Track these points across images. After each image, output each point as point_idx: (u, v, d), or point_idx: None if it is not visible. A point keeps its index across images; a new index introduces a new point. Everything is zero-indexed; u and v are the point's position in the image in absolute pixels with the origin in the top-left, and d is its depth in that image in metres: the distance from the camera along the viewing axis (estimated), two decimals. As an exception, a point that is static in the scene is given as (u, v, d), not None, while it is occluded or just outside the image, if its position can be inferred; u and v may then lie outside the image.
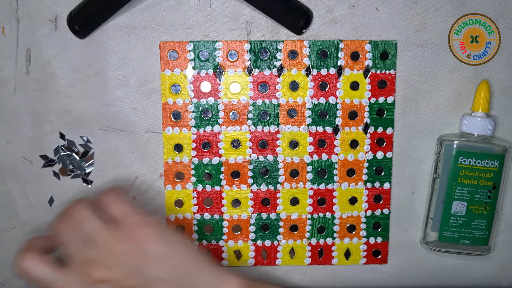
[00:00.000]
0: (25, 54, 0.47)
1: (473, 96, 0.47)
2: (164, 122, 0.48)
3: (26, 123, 0.48)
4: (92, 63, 0.47)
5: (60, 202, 0.49)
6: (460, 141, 0.46)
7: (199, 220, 0.49)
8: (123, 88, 0.47)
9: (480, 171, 0.46)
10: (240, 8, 0.46)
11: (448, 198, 0.46)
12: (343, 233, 0.49)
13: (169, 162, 0.48)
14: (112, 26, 0.46)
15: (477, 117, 0.46)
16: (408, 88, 0.48)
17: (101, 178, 0.49)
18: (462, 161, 0.46)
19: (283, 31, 0.47)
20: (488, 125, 0.46)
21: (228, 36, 0.47)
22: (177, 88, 0.47)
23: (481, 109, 0.46)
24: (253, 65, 0.47)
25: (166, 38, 0.47)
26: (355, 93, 0.47)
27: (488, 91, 0.46)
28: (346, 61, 0.47)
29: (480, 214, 0.46)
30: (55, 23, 0.46)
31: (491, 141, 0.46)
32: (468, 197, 0.46)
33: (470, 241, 0.47)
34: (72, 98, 0.47)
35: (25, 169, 0.48)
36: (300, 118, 0.48)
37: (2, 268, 0.50)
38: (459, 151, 0.46)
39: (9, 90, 0.47)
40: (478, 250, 0.48)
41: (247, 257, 0.50)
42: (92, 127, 0.48)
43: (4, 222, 0.49)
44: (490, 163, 0.46)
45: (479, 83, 0.46)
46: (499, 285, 0.51)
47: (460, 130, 0.47)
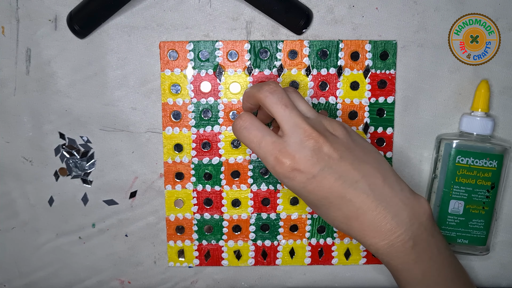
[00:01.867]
0: (25, 54, 0.47)
1: (473, 96, 0.47)
2: (164, 122, 0.48)
3: (26, 123, 0.48)
4: (92, 63, 0.47)
5: (60, 202, 0.49)
6: (459, 140, 0.46)
7: (199, 220, 0.49)
8: (123, 88, 0.47)
9: (478, 171, 0.46)
10: (240, 8, 0.46)
11: (446, 197, 0.46)
12: (343, 233, 0.49)
13: (169, 162, 0.48)
14: (112, 26, 0.46)
15: (477, 117, 0.46)
16: (408, 88, 0.48)
17: (101, 178, 0.49)
18: (460, 160, 0.46)
19: (283, 31, 0.47)
20: (488, 124, 0.46)
21: (228, 36, 0.47)
22: (177, 88, 0.47)
23: (480, 108, 0.46)
24: (253, 65, 0.47)
25: (166, 38, 0.47)
26: (355, 93, 0.47)
27: (488, 91, 0.46)
28: (346, 61, 0.47)
29: (478, 213, 0.46)
30: (55, 23, 0.46)
31: (491, 141, 0.46)
32: (466, 197, 0.46)
33: (468, 240, 0.47)
34: (72, 98, 0.47)
35: (25, 169, 0.48)
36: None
37: (2, 268, 0.50)
38: (457, 150, 0.46)
39: (9, 90, 0.47)
40: (476, 250, 0.48)
41: (247, 257, 0.50)
42: (92, 127, 0.48)
43: (4, 222, 0.49)
44: (488, 163, 0.46)
45: (479, 82, 0.46)
46: (499, 285, 0.51)
47: (460, 130, 0.47)
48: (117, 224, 0.49)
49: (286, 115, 0.37)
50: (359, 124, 0.48)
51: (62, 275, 0.50)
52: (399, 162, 0.49)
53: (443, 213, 0.47)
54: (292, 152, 0.37)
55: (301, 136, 0.37)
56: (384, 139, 0.48)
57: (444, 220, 0.47)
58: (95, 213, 0.49)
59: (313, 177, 0.37)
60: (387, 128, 0.48)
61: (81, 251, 0.50)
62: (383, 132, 0.48)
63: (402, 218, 0.38)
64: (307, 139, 0.37)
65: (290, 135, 0.37)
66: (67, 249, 0.50)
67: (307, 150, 0.37)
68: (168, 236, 0.49)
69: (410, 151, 0.49)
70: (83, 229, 0.49)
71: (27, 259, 0.50)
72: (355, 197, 0.37)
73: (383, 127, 0.48)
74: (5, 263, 0.50)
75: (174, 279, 0.50)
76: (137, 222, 0.49)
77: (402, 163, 0.49)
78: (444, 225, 0.47)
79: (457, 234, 0.47)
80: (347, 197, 0.37)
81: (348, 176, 0.37)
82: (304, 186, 0.37)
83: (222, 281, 0.50)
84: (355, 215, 0.38)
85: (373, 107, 0.48)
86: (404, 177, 0.49)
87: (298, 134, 0.37)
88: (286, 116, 0.37)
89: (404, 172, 0.49)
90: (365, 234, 0.38)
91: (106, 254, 0.50)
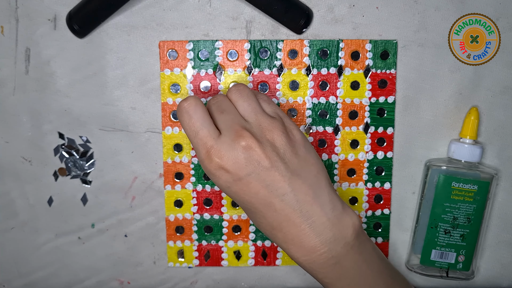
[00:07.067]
0: (24, 54, 0.46)
1: (473, 96, 0.47)
2: (164, 121, 0.47)
3: (25, 123, 0.48)
4: (91, 62, 0.47)
5: (60, 202, 0.49)
6: (447, 166, 0.46)
7: (199, 220, 0.49)
8: (122, 87, 0.47)
9: (464, 197, 0.46)
10: (240, 7, 0.46)
11: (431, 222, 0.47)
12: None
13: (168, 162, 0.48)
14: (111, 26, 0.46)
15: (465, 144, 0.46)
16: (409, 87, 0.48)
17: (100, 178, 0.48)
18: (448, 186, 0.46)
19: (283, 31, 0.46)
20: (476, 152, 0.46)
21: (228, 36, 0.47)
22: (176, 88, 0.47)
23: (469, 136, 0.46)
24: (253, 65, 0.47)
25: (165, 37, 0.46)
26: (355, 92, 0.47)
27: (477, 118, 0.46)
28: (347, 61, 0.47)
29: (462, 239, 0.47)
30: (54, 23, 0.46)
31: (478, 168, 0.47)
32: (450, 222, 0.46)
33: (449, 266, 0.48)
34: (72, 97, 0.47)
35: (24, 169, 0.48)
36: (300, 118, 0.47)
37: (1, 268, 0.50)
38: (444, 176, 0.46)
39: (8, 90, 0.47)
40: (462, 275, 0.48)
41: (247, 258, 0.50)
42: (91, 127, 0.48)
43: (4, 222, 0.49)
44: (475, 188, 0.46)
45: (469, 108, 0.47)
46: (499, 285, 0.51)
47: (448, 156, 0.47)
48: (116, 224, 0.49)
49: (221, 117, 0.38)
50: (359, 124, 0.48)
51: (62, 275, 0.50)
52: (399, 162, 0.49)
53: (429, 238, 0.47)
54: (222, 150, 0.37)
55: (233, 137, 0.37)
56: (384, 139, 0.48)
57: (429, 245, 0.47)
58: (95, 213, 0.49)
59: (239, 179, 0.37)
60: (387, 128, 0.48)
61: (81, 251, 0.50)
62: (384, 132, 0.48)
63: (326, 237, 0.37)
64: (238, 142, 0.37)
65: (223, 134, 0.37)
66: (66, 249, 0.50)
67: (236, 152, 0.37)
68: (167, 237, 0.49)
69: (411, 151, 0.49)
70: (82, 229, 0.49)
71: (27, 259, 0.50)
72: (281, 209, 0.37)
73: (383, 127, 0.48)
74: (4, 263, 0.50)
75: (173, 280, 0.50)
76: (137, 222, 0.49)
77: (403, 163, 0.49)
78: (428, 250, 0.47)
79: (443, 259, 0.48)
80: (272, 207, 0.37)
81: (277, 187, 0.37)
82: (229, 186, 0.38)
83: (222, 282, 0.50)
84: (279, 227, 0.38)
85: (374, 107, 0.48)
86: (405, 177, 0.49)
87: (230, 134, 0.37)
88: (222, 118, 0.38)
89: (404, 172, 0.49)
90: (288, 247, 0.38)
91: (105, 254, 0.50)
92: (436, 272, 0.48)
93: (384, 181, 0.49)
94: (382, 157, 0.48)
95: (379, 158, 0.48)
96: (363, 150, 0.48)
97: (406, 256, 0.50)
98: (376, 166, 0.48)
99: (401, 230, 0.50)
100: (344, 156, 0.48)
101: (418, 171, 0.49)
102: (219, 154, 0.37)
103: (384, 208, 0.49)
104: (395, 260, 0.50)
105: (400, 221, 0.50)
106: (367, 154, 0.48)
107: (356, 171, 0.48)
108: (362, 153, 0.48)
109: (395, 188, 0.49)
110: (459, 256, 0.47)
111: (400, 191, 0.49)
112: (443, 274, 0.48)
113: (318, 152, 0.48)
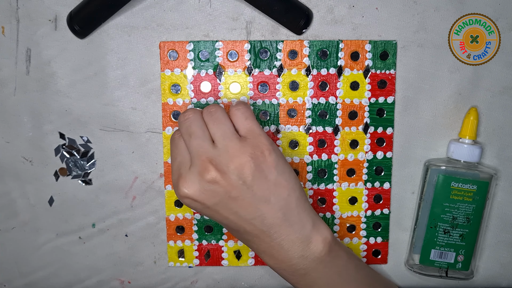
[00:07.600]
0: (25, 54, 0.47)
1: (472, 97, 0.48)
2: (164, 122, 0.48)
3: (26, 123, 0.48)
4: (92, 63, 0.47)
5: (60, 202, 0.49)
6: (447, 166, 0.46)
7: (199, 220, 0.49)
8: (123, 88, 0.47)
9: (463, 197, 0.46)
10: (240, 8, 0.46)
11: (430, 222, 0.47)
12: (343, 233, 0.49)
13: (169, 162, 0.48)
14: (112, 26, 0.46)
15: (464, 144, 0.46)
16: (408, 88, 0.48)
17: (101, 178, 0.49)
18: (447, 186, 0.46)
19: (283, 31, 0.47)
20: (475, 152, 0.46)
21: (228, 36, 0.47)
22: (177, 88, 0.47)
23: (468, 136, 0.46)
24: (253, 65, 0.47)
25: (166, 38, 0.47)
26: (355, 93, 0.47)
27: (476, 118, 0.46)
28: (346, 61, 0.47)
29: (461, 238, 0.47)
30: (55, 23, 0.46)
31: (477, 168, 0.47)
32: (449, 222, 0.46)
33: (448, 266, 0.48)
34: (72, 98, 0.47)
35: (25, 169, 0.48)
36: (300, 118, 0.48)
37: (2, 268, 0.50)
38: (444, 176, 0.46)
39: (9, 90, 0.47)
40: (461, 275, 0.48)
41: (247, 257, 0.50)
42: (92, 127, 0.48)
43: (4, 222, 0.49)
44: (474, 188, 0.46)
45: (469, 108, 0.47)
46: (498, 284, 0.51)
47: (447, 156, 0.47)
48: (117, 224, 0.49)
49: (190, 142, 0.39)
50: (359, 124, 0.48)
51: (62, 275, 0.50)
52: (399, 162, 0.49)
53: (428, 238, 0.47)
54: (189, 181, 0.38)
55: (199, 169, 0.38)
56: (384, 139, 0.48)
57: (429, 245, 0.47)
58: (95, 213, 0.49)
59: (207, 208, 0.39)
60: (387, 128, 0.48)
61: (81, 251, 0.50)
62: (383, 132, 0.48)
63: (294, 253, 0.39)
64: (204, 175, 0.38)
65: (192, 164, 0.39)
66: (67, 249, 0.50)
67: (203, 184, 0.38)
68: (168, 236, 0.49)
69: (410, 151, 0.49)
70: (83, 229, 0.49)
71: (27, 259, 0.50)
72: (251, 230, 0.39)
73: (383, 127, 0.48)
74: (5, 263, 0.50)
75: (174, 279, 0.50)
76: (137, 222, 0.49)
77: (402, 163, 0.49)
78: (428, 250, 0.47)
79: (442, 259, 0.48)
80: (243, 228, 0.39)
81: (244, 213, 0.39)
82: (200, 211, 0.40)
83: (222, 281, 0.50)
84: (252, 240, 0.40)
85: (373, 107, 0.48)
86: (404, 177, 0.49)
87: (197, 165, 0.38)
88: (190, 143, 0.39)
89: (403, 172, 0.49)
90: (261, 255, 0.41)
91: (106, 254, 0.50)
92: (435, 272, 0.48)
93: (384, 181, 0.49)
94: (381, 157, 0.48)
95: (378, 158, 0.48)
96: (362, 150, 0.48)
97: (406, 256, 0.50)
98: (376, 166, 0.49)
99: (400, 230, 0.50)
100: (344, 156, 0.48)
101: (417, 171, 0.49)
102: (187, 185, 0.38)
103: (384, 208, 0.49)
104: (394, 260, 0.50)
105: (400, 221, 0.50)
106: (366, 154, 0.48)
107: (356, 171, 0.49)
108: (361, 153, 0.48)
109: (394, 188, 0.49)
110: (458, 256, 0.47)
111: (399, 191, 0.49)
112: (443, 274, 0.48)
113: (318, 152, 0.48)
